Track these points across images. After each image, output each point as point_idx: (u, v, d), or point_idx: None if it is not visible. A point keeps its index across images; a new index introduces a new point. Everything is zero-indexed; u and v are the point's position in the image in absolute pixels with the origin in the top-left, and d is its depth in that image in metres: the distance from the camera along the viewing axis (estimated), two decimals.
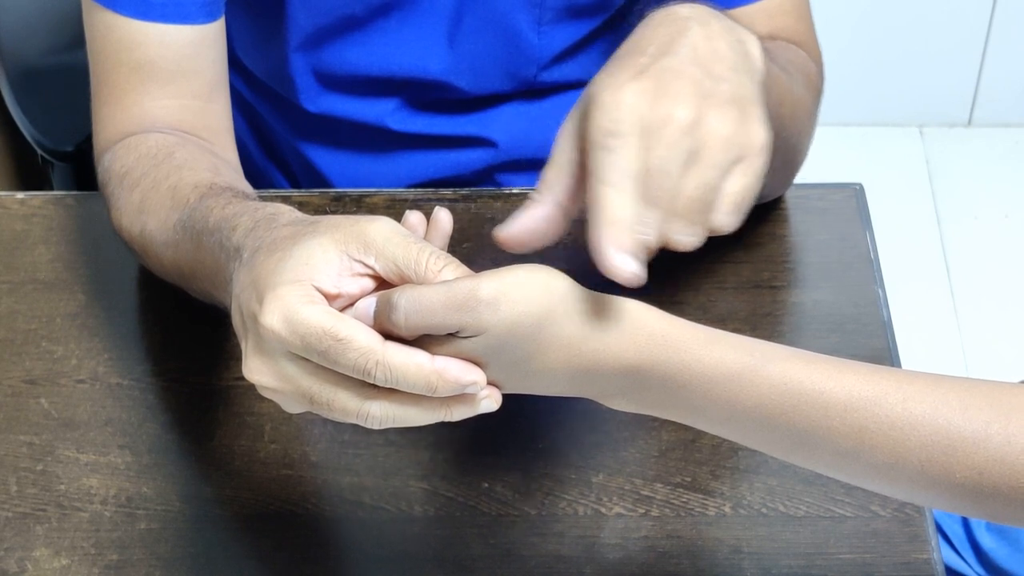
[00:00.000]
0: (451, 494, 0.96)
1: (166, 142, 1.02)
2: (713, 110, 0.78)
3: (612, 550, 0.93)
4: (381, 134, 1.23)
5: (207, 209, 0.88)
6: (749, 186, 0.79)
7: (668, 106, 0.77)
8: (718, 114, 0.78)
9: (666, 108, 0.77)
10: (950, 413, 0.73)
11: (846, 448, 0.74)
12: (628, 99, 0.76)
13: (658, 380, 0.74)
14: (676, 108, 0.77)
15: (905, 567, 0.92)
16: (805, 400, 0.73)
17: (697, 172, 0.77)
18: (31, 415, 1.01)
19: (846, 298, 1.06)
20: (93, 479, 0.98)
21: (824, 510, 0.95)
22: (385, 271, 0.74)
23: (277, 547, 0.94)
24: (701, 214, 0.77)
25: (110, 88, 1.05)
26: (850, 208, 1.12)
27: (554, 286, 0.73)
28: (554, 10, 1.16)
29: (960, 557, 1.23)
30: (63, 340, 1.05)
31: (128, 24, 1.03)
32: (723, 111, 0.78)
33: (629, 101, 0.76)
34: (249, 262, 0.77)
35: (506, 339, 0.72)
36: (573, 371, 0.74)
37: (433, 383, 0.72)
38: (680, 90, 0.78)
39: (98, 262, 1.10)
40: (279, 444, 0.99)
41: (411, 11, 1.14)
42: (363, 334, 0.72)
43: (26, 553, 0.94)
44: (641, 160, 0.75)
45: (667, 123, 0.76)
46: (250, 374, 0.75)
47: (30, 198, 1.16)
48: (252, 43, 1.21)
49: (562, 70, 1.21)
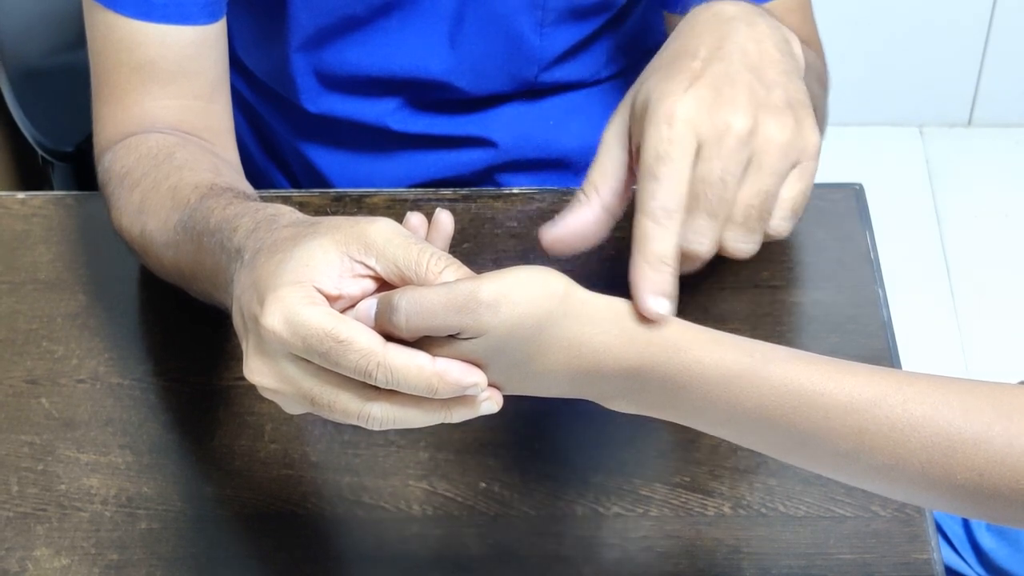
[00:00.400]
0: (450, 494, 0.96)
1: (167, 142, 1.02)
2: (769, 117, 0.78)
3: (611, 550, 0.93)
4: (381, 134, 1.23)
5: (208, 210, 0.88)
6: (805, 190, 0.80)
7: (725, 116, 0.77)
8: (774, 122, 0.78)
9: (723, 118, 0.77)
10: (951, 414, 0.73)
11: (846, 449, 0.74)
12: (684, 113, 0.77)
13: (658, 381, 0.74)
14: (734, 118, 0.77)
15: (905, 567, 0.92)
16: (805, 401, 0.73)
17: (755, 180, 0.77)
18: (32, 415, 1.01)
19: (846, 298, 1.06)
20: (93, 479, 0.98)
21: (824, 510, 0.95)
22: (386, 272, 0.74)
23: (277, 547, 0.94)
24: (760, 221, 0.78)
25: (111, 88, 1.05)
26: (850, 208, 1.12)
27: (554, 287, 0.73)
28: (556, 11, 1.16)
29: (960, 557, 1.23)
30: (64, 340, 1.06)
31: (129, 24, 1.03)
32: (779, 118, 0.79)
33: (685, 115, 0.77)
34: (250, 263, 0.77)
35: (507, 340, 0.72)
36: (573, 372, 0.74)
37: (434, 385, 0.72)
38: (735, 98, 0.78)
39: (98, 262, 1.10)
40: (279, 444, 0.99)
41: (412, 11, 1.14)
42: (364, 335, 0.72)
43: (27, 553, 0.94)
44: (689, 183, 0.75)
45: (725, 134, 0.77)
46: (251, 375, 0.75)
47: (30, 198, 1.16)
48: (253, 43, 1.21)
49: (563, 71, 1.21)
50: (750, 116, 0.78)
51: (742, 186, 0.77)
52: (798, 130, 0.79)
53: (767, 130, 0.78)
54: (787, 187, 0.79)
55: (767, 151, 0.78)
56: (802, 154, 0.80)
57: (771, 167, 0.78)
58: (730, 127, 0.77)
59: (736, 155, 0.77)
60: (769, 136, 0.78)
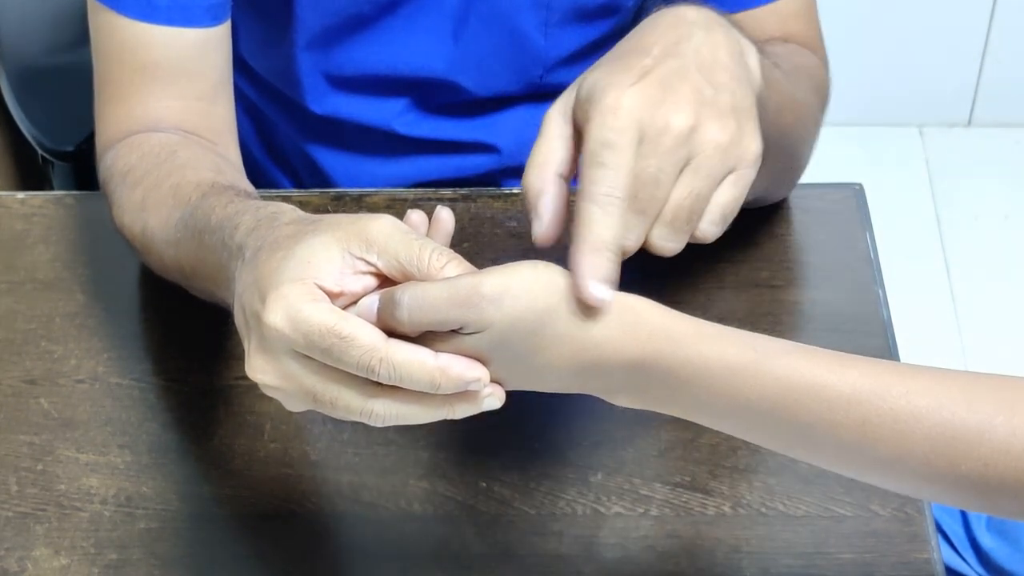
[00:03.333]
0: (450, 493, 0.96)
1: (169, 141, 1.02)
2: (711, 119, 0.78)
3: (611, 549, 0.93)
4: (387, 137, 1.23)
5: (209, 208, 0.88)
6: (738, 197, 0.79)
7: (667, 113, 0.77)
8: (716, 124, 0.78)
9: (665, 116, 0.77)
10: (954, 406, 0.73)
11: (849, 442, 0.74)
12: (629, 103, 0.76)
13: (660, 375, 0.74)
14: (675, 116, 0.77)
15: (905, 567, 0.92)
16: (808, 394, 0.73)
17: (689, 181, 0.77)
18: (31, 415, 1.01)
19: (846, 298, 1.06)
20: (93, 479, 0.98)
21: (824, 510, 0.95)
22: (387, 268, 0.74)
23: (277, 546, 0.94)
24: (687, 223, 0.78)
25: (114, 88, 1.05)
26: (850, 208, 1.12)
27: (556, 282, 0.73)
28: (561, 11, 1.16)
29: (960, 557, 1.23)
30: (63, 340, 1.05)
31: (132, 26, 1.03)
32: (721, 121, 0.78)
33: (630, 106, 0.76)
34: (251, 261, 0.77)
35: (509, 335, 0.72)
36: (576, 367, 0.74)
37: (437, 380, 0.72)
38: (680, 97, 0.78)
39: (98, 262, 1.10)
40: (279, 443, 0.99)
41: (418, 9, 1.14)
42: (366, 331, 0.72)
43: (26, 552, 0.94)
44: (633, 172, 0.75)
45: (664, 131, 0.76)
46: (253, 373, 0.75)
47: (30, 198, 1.16)
48: (258, 44, 1.21)
49: (569, 73, 1.21)
50: (692, 115, 0.77)
51: (676, 185, 0.77)
52: (739, 136, 0.79)
53: (707, 131, 0.78)
54: (720, 192, 0.79)
55: (704, 152, 0.77)
56: (739, 161, 0.79)
57: (706, 169, 0.78)
58: (670, 125, 0.77)
59: (673, 154, 0.77)
60: (708, 137, 0.78)
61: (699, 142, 0.77)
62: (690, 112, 0.77)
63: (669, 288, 1.05)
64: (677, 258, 0.81)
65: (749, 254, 1.09)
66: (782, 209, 1.12)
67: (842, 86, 1.17)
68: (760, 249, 1.10)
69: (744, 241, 1.09)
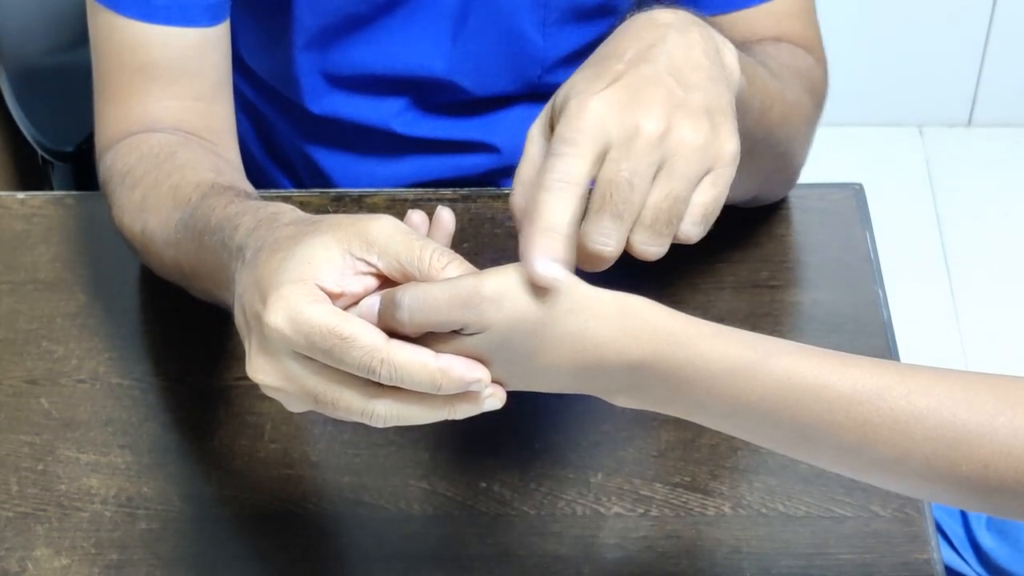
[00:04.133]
0: (450, 493, 0.96)
1: (168, 141, 1.02)
2: (684, 120, 0.77)
3: (611, 550, 0.93)
4: (386, 137, 1.23)
5: (209, 208, 0.88)
6: (718, 197, 0.78)
7: (637, 118, 0.76)
8: (689, 124, 0.77)
9: (634, 120, 0.76)
10: (955, 406, 0.73)
11: (850, 442, 0.74)
12: (595, 108, 0.76)
13: (661, 375, 0.74)
14: (645, 120, 0.76)
15: (905, 567, 0.92)
16: (809, 394, 0.73)
17: (665, 183, 0.76)
18: (32, 415, 1.01)
19: (846, 298, 1.06)
20: (93, 479, 0.98)
21: (824, 510, 0.95)
22: (388, 269, 0.74)
23: (277, 547, 0.94)
24: (668, 225, 0.77)
25: (113, 88, 1.06)
26: (850, 208, 1.12)
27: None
28: (559, 11, 1.16)
29: (960, 557, 1.23)
30: (63, 340, 1.06)
31: (132, 26, 1.03)
32: (694, 121, 0.77)
33: (596, 110, 0.76)
34: (252, 262, 0.77)
35: (510, 336, 0.72)
36: (577, 367, 0.74)
37: (438, 381, 0.72)
38: (651, 101, 0.77)
39: (98, 262, 1.10)
40: (279, 444, 0.99)
41: (416, 9, 1.14)
42: (367, 332, 0.72)
43: (27, 553, 0.94)
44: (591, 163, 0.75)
45: (635, 136, 0.76)
46: (254, 374, 0.75)
47: (30, 198, 1.16)
48: (257, 44, 1.21)
49: (567, 74, 1.20)
50: (663, 119, 0.76)
51: (652, 189, 0.77)
52: (713, 135, 0.78)
53: (680, 133, 0.77)
54: (699, 192, 0.78)
55: (679, 154, 0.77)
56: (716, 160, 0.78)
57: (682, 171, 0.77)
58: (640, 129, 0.76)
59: (645, 157, 0.76)
60: (682, 139, 0.77)
61: (672, 144, 0.77)
62: (661, 115, 0.77)
63: (669, 288, 1.05)
64: (677, 258, 0.81)
65: (749, 254, 1.09)
66: (782, 209, 1.12)
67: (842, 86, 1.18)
68: (760, 249, 1.10)
69: (744, 241, 1.09)
